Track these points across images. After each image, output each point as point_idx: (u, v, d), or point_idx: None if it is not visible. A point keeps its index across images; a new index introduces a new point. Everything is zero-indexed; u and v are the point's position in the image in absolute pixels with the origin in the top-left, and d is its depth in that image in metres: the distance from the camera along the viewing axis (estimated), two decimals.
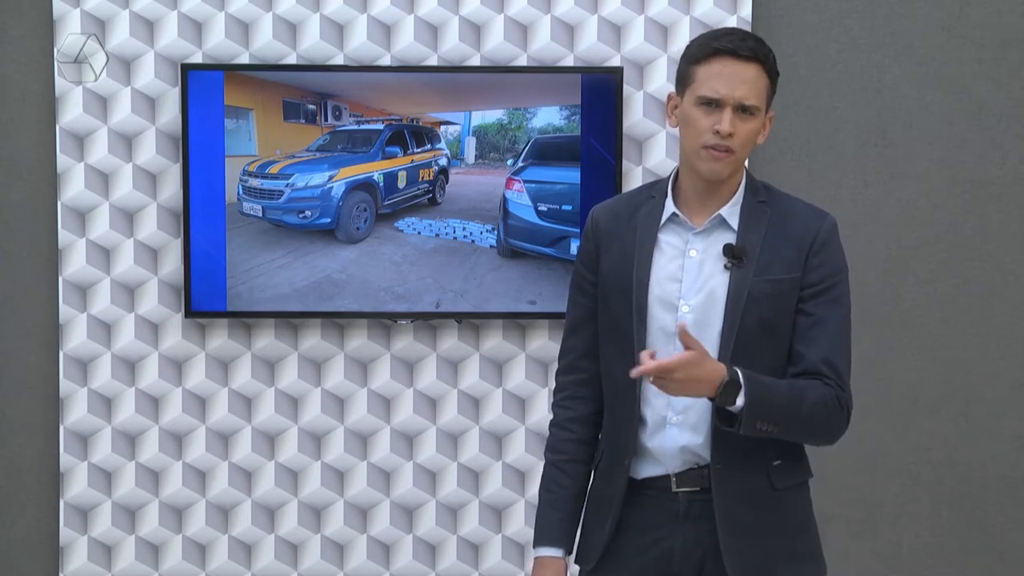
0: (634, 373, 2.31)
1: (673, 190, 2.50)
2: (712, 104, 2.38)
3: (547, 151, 3.78)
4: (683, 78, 2.44)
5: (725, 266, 2.42)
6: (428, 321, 3.84)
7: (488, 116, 3.80)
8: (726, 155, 2.39)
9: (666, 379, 2.28)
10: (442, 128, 3.81)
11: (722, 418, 2.36)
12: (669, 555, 2.46)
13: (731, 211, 2.45)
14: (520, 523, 3.88)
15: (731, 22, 3.78)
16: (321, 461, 3.89)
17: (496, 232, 3.80)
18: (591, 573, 2.54)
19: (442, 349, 3.87)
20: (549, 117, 3.78)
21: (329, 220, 3.78)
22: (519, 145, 3.79)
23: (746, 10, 3.81)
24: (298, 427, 3.88)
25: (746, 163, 2.52)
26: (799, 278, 2.42)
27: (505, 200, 3.80)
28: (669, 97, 2.49)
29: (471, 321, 3.84)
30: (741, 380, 2.32)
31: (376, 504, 3.89)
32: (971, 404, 3.94)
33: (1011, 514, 3.96)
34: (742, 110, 2.38)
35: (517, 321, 3.85)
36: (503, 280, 3.80)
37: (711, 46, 2.39)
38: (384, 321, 3.84)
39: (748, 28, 3.77)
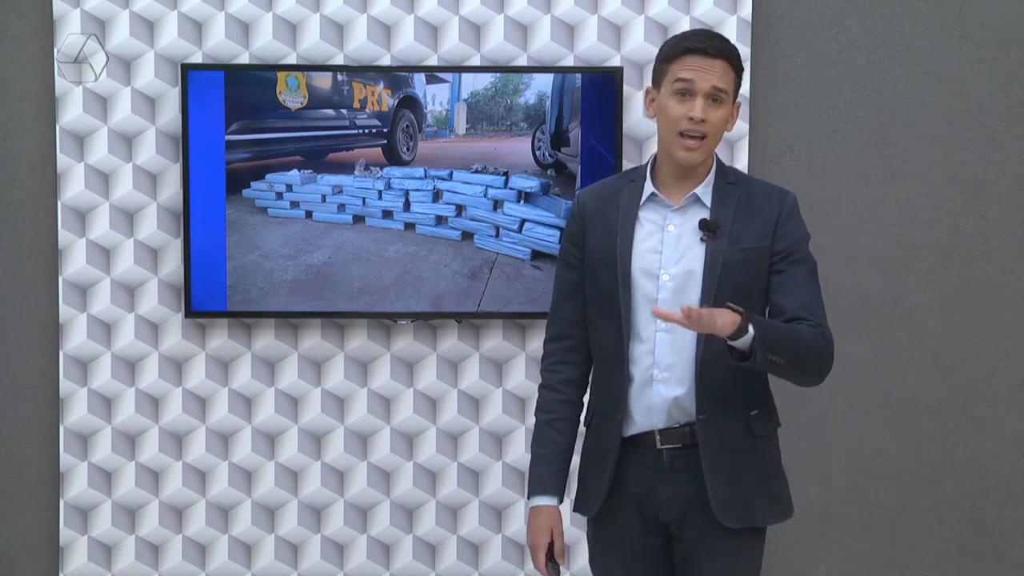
0: (654, 311, 2.59)
1: (652, 173, 2.76)
2: (685, 94, 2.65)
3: None
4: (658, 74, 2.73)
5: (701, 239, 2.68)
6: (428, 321, 3.84)
7: (480, 80, 3.76)
8: (699, 142, 2.67)
9: (691, 317, 2.50)
10: (428, 90, 3.74)
11: (735, 356, 2.58)
12: (656, 503, 2.73)
13: (704, 190, 2.73)
14: (520, 523, 3.87)
15: (731, 22, 3.78)
16: (321, 461, 3.89)
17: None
18: (593, 520, 2.82)
19: (442, 349, 3.87)
20: (545, 84, 3.74)
21: None
22: (515, 114, 3.77)
23: (746, 10, 3.81)
24: (298, 427, 3.88)
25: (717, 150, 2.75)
26: (769, 247, 2.70)
27: None
28: (647, 91, 2.76)
29: (471, 321, 3.84)
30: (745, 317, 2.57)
31: (376, 504, 3.89)
32: (971, 404, 3.94)
33: (1011, 514, 3.95)
34: (712, 99, 2.65)
35: (517, 321, 3.85)
36: (503, 280, 3.80)
37: (682, 46, 2.68)
38: (384, 321, 3.84)
39: (748, 28, 3.79)
